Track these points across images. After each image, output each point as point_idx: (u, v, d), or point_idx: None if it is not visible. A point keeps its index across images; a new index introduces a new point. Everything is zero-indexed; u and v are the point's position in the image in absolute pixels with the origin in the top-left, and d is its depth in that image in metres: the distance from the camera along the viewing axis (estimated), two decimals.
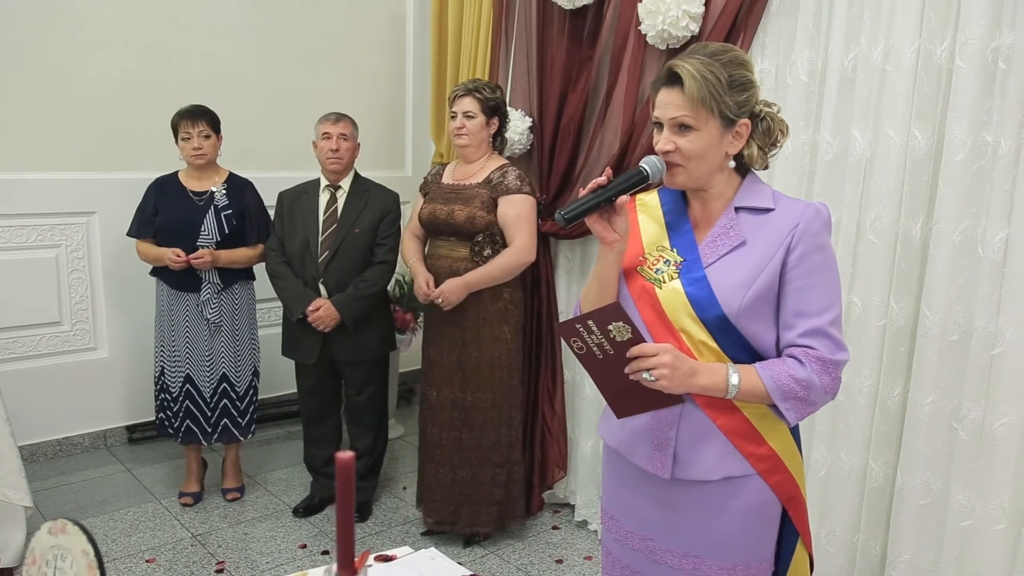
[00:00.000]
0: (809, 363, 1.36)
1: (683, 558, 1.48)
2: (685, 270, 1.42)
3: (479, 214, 2.74)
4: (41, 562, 0.99)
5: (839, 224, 2.26)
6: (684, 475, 1.44)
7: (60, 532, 0.98)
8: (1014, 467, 1.98)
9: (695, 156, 1.38)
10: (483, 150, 2.84)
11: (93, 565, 0.95)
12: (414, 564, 1.39)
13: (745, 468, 1.42)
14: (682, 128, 1.38)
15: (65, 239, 3.58)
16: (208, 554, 2.85)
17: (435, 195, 2.88)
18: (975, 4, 1.95)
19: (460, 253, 2.81)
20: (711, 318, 1.38)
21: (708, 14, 2.49)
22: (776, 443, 1.44)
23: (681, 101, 1.36)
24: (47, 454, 3.62)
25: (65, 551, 0.97)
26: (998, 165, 1.95)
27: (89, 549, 0.96)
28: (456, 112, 2.79)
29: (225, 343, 3.16)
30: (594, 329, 1.31)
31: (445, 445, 2.89)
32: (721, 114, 1.36)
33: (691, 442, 1.43)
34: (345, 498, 0.89)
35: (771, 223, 1.40)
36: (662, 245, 1.47)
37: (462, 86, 2.82)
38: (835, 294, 1.40)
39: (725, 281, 1.38)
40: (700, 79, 1.35)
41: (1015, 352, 1.95)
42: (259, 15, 3.93)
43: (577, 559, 2.89)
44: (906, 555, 2.17)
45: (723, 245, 1.41)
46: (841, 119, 2.24)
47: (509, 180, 2.77)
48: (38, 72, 3.42)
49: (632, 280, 1.47)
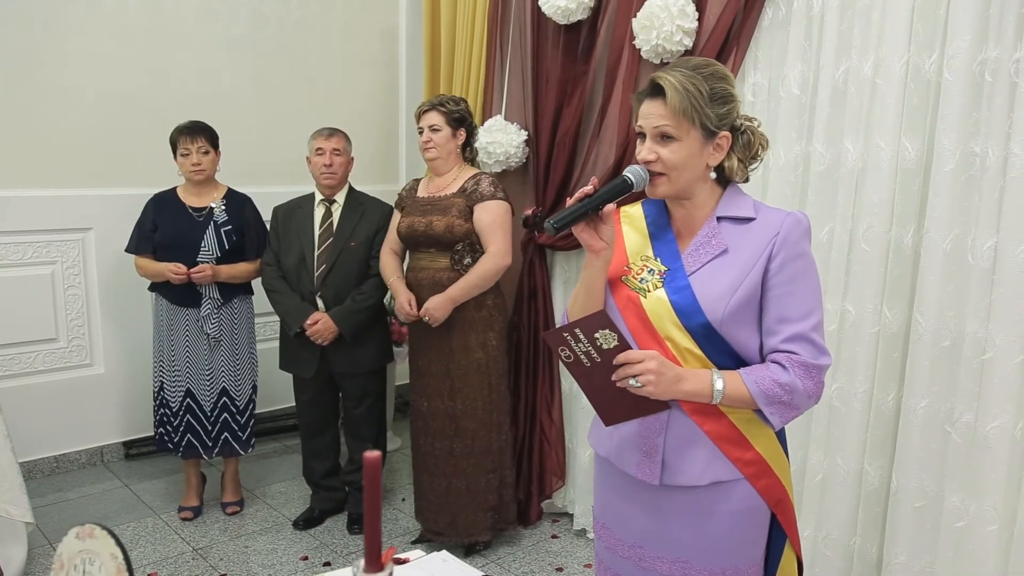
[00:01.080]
0: (792, 368, 1.39)
1: (672, 564, 1.50)
2: (669, 279, 1.45)
3: (457, 223, 2.79)
4: (69, 567, 1.01)
5: (833, 233, 2.31)
6: (673, 481, 1.46)
7: (88, 536, 1.00)
8: (1005, 469, 2.02)
9: (676, 166, 1.41)
10: (453, 161, 2.89)
11: (122, 568, 0.97)
12: (427, 567, 1.41)
13: (732, 473, 1.45)
14: (664, 138, 1.41)
15: (61, 255, 3.59)
16: (210, 567, 2.85)
17: (411, 208, 2.92)
18: (962, 19, 2.01)
19: (441, 264, 2.85)
20: (695, 325, 1.41)
21: (701, 29, 2.55)
22: (762, 447, 1.47)
23: (663, 111, 1.40)
24: (43, 471, 3.60)
25: (93, 555, 0.99)
26: (986, 175, 2.01)
27: (118, 552, 0.98)
28: (423, 127, 2.86)
29: (225, 357, 3.17)
30: (581, 337, 1.34)
31: (438, 455, 2.91)
32: (702, 125, 1.40)
33: (679, 448, 1.45)
34: (373, 496, 0.92)
35: (752, 232, 1.43)
36: (646, 255, 1.51)
37: (427, 102, 2.90)
38: (816, 300, 1.43)
39: (708, 289, 1.41)
40: (682, 91, 1.39)
41: (1005, 356, 1.99)
42: (255, 32, 3.96)
43: (577, 567, 2.91)
44: (902, 557, 2.20)
45: (706, 254, 1.44)
46: (833, 131, 2.29)
47: (483, 187, 2.82)
48: (35, 89, 3.44)
49: (617, 289, 1.50)
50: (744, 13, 2.46)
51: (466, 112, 2.91)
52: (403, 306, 2.85)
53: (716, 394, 1.39)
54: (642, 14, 2.59)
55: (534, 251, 3.10)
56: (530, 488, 3.17)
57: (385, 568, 0.92)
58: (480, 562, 2.93)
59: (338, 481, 3.29)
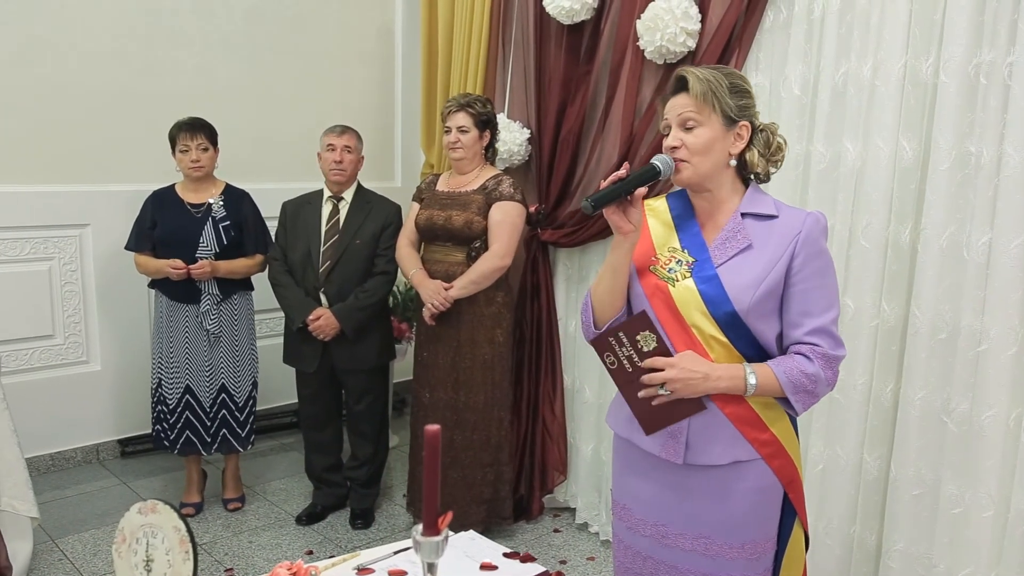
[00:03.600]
0: (816, 359, 1.50)
1: (695, 540, 1.58)
2: (697, 269, 1.53)
3: (476, 219, 2.83)
4: (131, 540, 1.04)
5: (833, 230, 2.37)
6: (696, 460, 1.54)
7: (150, 512, 1.03)
8: (1000, 457, 2.09)
9: (699, 151, 1.51)
10: (477, 162, 2.94)
11: (185, 539, 1.00)
12: (458, 544, 1.45)
13: (751, 453, 1.54)
14: (688, 127, 1.52)
15: (58, 252, 3.57)
16: (215, 561, 2.86)
17: (431, 201, 2.96)
18: (957, 24, 2.08)
19: (456, 258, 2.89)
20: (722, 314, 1.50)
21: (704, 30, 2.61)
22: (777, 430, 1.56)
23: (687, 100, 1.52)
24: (39, 468, 3.58)
25: (156, 528, 1.02)
26: (981, 174, 2.08)
27: (181, 525, 1.01)
28: (450, 127, 2.89)
29: (225, 354, 3.18)
30: (624, 341, 1.42)
31: None
32: (723, 112, 1.51)
33: (702, 430, 1.54)
34: (431, 464, 0.95)
35: (776, 229, 1.53)
36: (673, 246, 1.59)
37: (454, 101, 2.91)
38: (835, 295, 1.55)
39: (736, 280, 1.50)
40: (703, 79, 1.51)
41: (999, 348, 2.06)
42: (251, 28, 3.98)
43: (580, 560, 2.95)
44: (900, 544, 2.27)
45: (731, 248, 1.53)
46: (833, 131, 2.36)
47: (503, 188, 2.87)
48: (32, 85, 3.42)
49: (645, 278, 1.58)
50: (746, 16, 2.53)
51: (492, 114, 2.95)
52: (438, 291, 2.83)
53: (750, 388, 1.48)
54: (646, 16, 2.64)
55: (537, 248, 3.15)
56: (532, 483, 3.21)
57: (441, 532, 0.96)
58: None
59: (340, 476, 3.30)
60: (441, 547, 0.97)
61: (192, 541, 0.99)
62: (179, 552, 1.01)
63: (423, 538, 0.95)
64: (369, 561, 1.40)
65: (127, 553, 1.04)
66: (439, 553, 0.96)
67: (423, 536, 0.95)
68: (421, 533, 0.96)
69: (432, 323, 2.88)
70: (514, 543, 3.06)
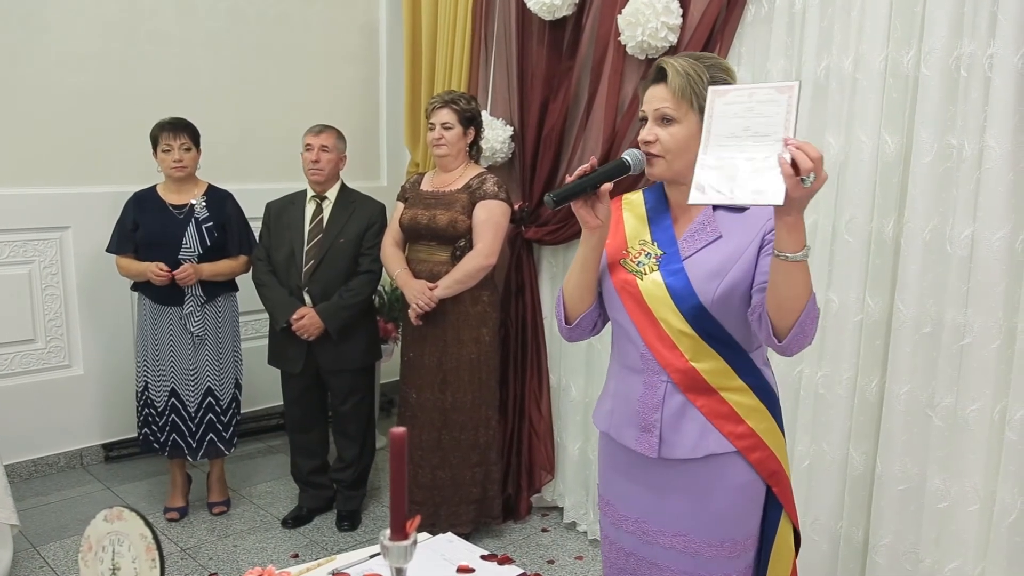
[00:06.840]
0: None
1: (673, 537, 1.56)
2: (665, 262, 1.51)
3: (460, 218, 2.81)
4: (97, 547, 1.01)
5: (816, 225, 2.36)
6: (670, 454, 1.52)
7: (116, 519, 1.01)
8: (985, 450, 2.09)
9: (673, 149, 1.47)
10: (461, 159, 2.92)
11: (151, 546, 0.98)
12: (435, 547, 1.43)
13: (725, 446, 1.50)
14: (665, 120, 1.47)
15: (38, 255, 3.53)
16: (199, 566, 2.83)
17: (415, 201, 2.94)
18: (938, 16, 2.08)
19: (440, 257, 2.87)
20: (689, 308, 1.47)
21: (686, 25, 2.60)
22: (754, 423, 1.53)
23: (665, 94, 1.47)
24: (21, 475, 3.54)
25: (122, 536, 1.00)
26: (963, 167, 2.08)
27: (147, 532, 0.98)
28: (434, 123, 2.87)
29: (209, 356, 3.15)
30: None
31: (425, 447, 2.93)
32: (700, 108, 1.45)
33: (674, 423, 1.51)
34: (398, 469, 0.93)
35: (746, 220, 1.49)
36: (644, 239, 1.56)
37: (439, 98, 2.89)
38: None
39: (701, 272, 1.47)
40: (683, 73, 1.46)
41: (983, 342, 2.06)
42: (233, 27, 3.94)
43: (568, 559, 2.94)
44: (887, 539, 2.26)
45: (700, 240, 1.50)
46: (815, 125, 2.35)
47: (488, 186, 2.85)
48: (11, 85, 3.38)
49: (615, 272, 1.56)
50: (727, 10, 2.52)
51: (477, 111, 2.93)
52: (423, 291, 2.82)
53: (807, 249, 1.32)
54: (627, 11, 2.63)
55: (522, 246, 3.13)
56: (519, 482, 3.20)
57: (410, 536, 0.94)
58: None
59: (326, 479, 3.28)
60: (410, 552, 0.94)
61: (159, 548, 0.97)
62: (145, 560, 0.98)
63: (391, 543, 0.93)
64: (345, 565, 1.38)
65: (93, 561, 1.02)
66: (407, 558, 0.94)
67: (391, 541, 0.93)
68: (389, 538, 0.93)
69: (418, 323, 2.86)
70: (502, 543, 3.04)
